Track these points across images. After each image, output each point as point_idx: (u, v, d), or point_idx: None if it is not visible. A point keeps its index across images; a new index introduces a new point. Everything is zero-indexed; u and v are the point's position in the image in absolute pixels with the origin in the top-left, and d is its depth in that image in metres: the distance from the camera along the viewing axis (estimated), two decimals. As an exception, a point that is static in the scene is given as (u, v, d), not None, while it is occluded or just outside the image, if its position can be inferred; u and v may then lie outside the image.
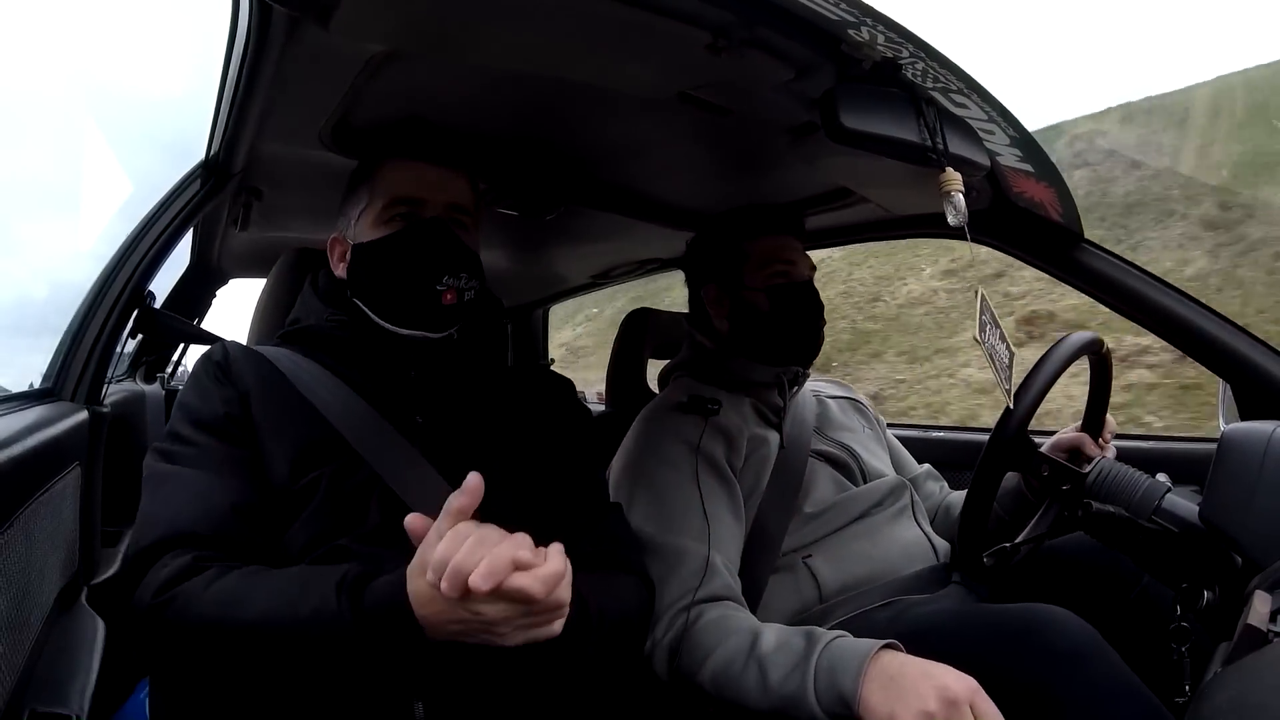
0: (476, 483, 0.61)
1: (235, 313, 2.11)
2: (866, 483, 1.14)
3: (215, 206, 1.21)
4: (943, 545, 1.12)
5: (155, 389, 1.70)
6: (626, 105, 0.91)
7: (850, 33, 0.69)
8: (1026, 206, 1.10)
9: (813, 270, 1.18)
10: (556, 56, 0.76)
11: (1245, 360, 1.06)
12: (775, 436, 1.12)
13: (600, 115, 0.99)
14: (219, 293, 1.99)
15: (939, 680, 0.70)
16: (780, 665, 0.80)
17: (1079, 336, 0.95)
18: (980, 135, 0.86)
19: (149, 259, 1.04)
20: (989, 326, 0.79)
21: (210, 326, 1.82)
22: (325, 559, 0.75)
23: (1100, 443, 1.06)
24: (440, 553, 0.58)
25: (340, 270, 0.93)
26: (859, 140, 0.73)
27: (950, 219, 0.73)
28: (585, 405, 1.06)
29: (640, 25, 0.67)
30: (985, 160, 0.86)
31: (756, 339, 1.15)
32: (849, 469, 1.15)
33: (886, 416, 1.38)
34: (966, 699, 0.68)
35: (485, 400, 0.91)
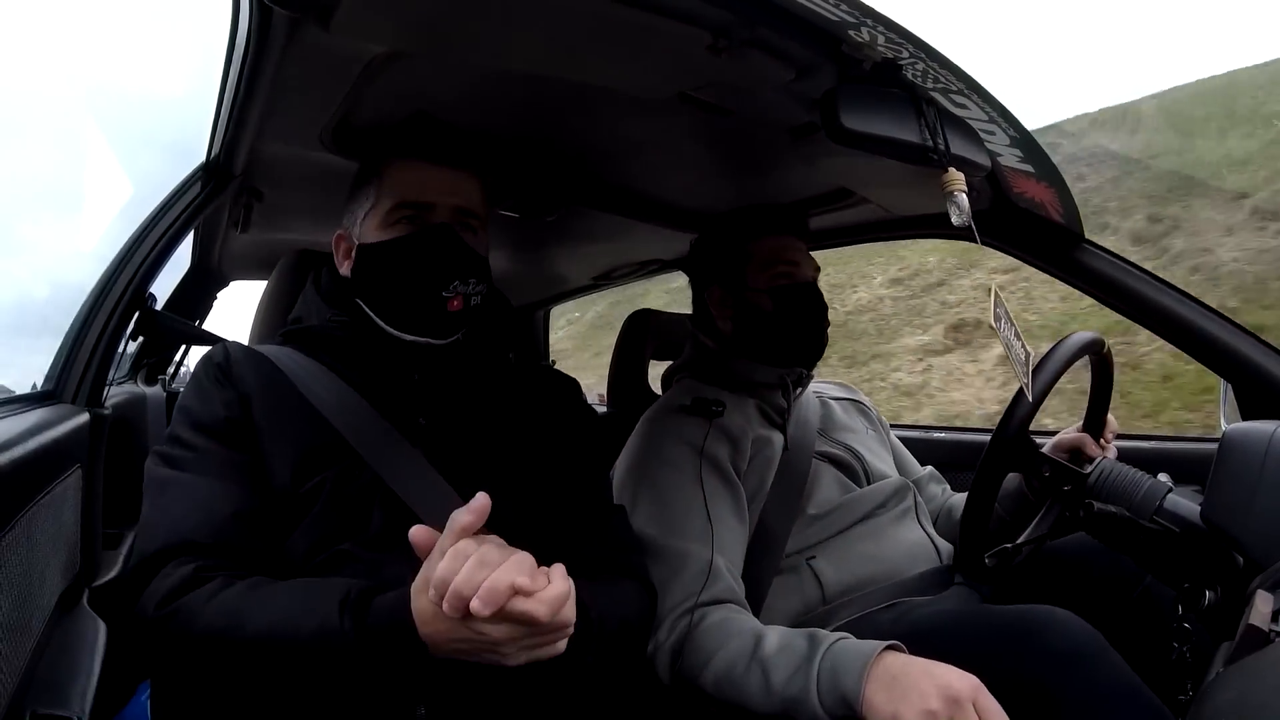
0: (483, 503, 0.60)
1: (236, 314, 2.12)
2: (870, 484, 1.14)
3: (216, 208, 1.20)
4: (946, 547, 1.12)
5: (156, 391, 1.70)
6: (627, 106, 0.91)
7: (851, 33, 0.69)
8: (1027, 207, 1.10)
9: (817, 271, 1.17)
10: (557, 57, 0.76)
11: (1246, 360, 1.06)
12: (779, 438, 1.11)
13: (601, 116, 0.98)
14: (219, 295, 1.99)
15: (942, 679, 0.70)
16: (783, 667, 0.80)
17: (1080, 337, 0.94)
18: (981, 136, 0.86)
19: (150, 261, 1.04)
20: (1003, 320, 0.79)
21: (211, 329, 1.82)
22: (327, 564, 0.74)
23: (1101, 443, 1.06)
24: (441, 572, 0.58)
25: (345, 269, 0.91)
26: (860, 141, 0.72)
27: (954, 219, 0.73)
28: (591, 406, 1.06)
29: (641, 26, 0.67)
30: (986, 161, 0.86)
31: (760, 340, 1.14)
32: (853, 470, 1.15)
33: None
34: (969, 697, 0.69)
35: (490, 402, 0.89)
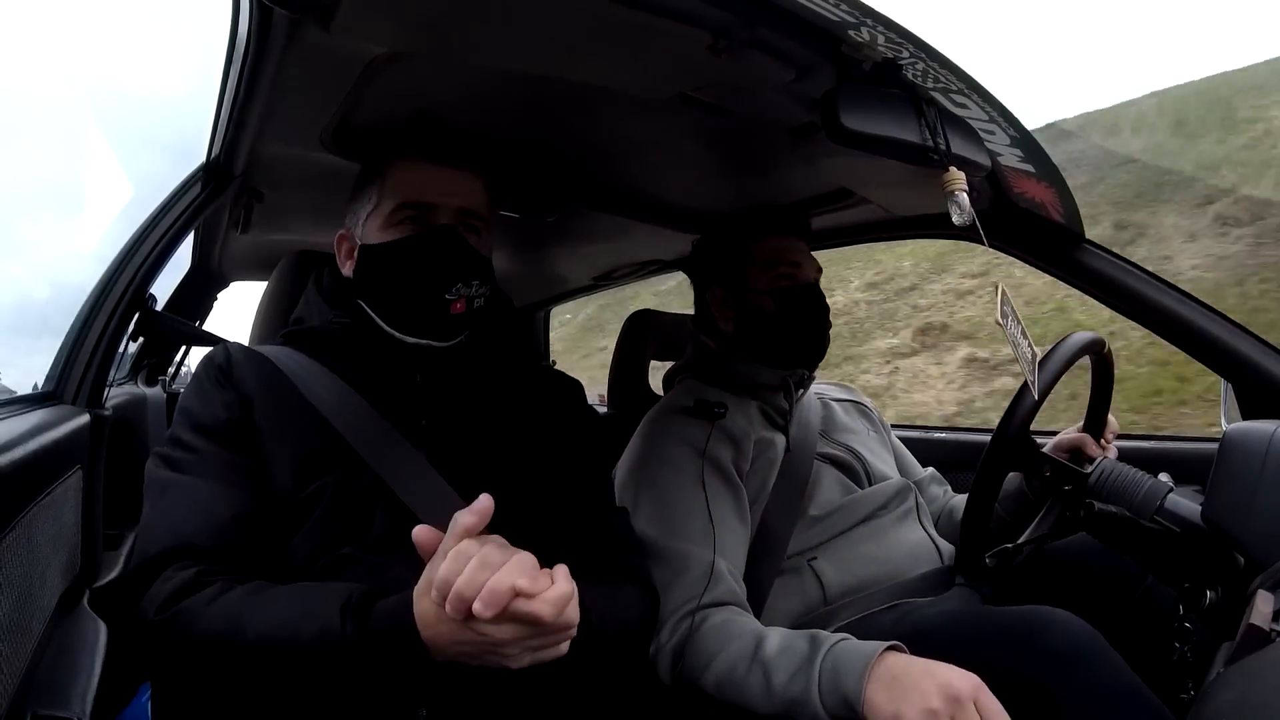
0: (487, 504, 0.60)
1: (236, 316, 2.12)
2: (871, 485, 1.14)
3: (216, 209, 1.20)
4: (947, 547, 1.11)
5: (157, 392, 1.70)
6: (627, 106, 0.91)
7: (851, 33, 0.69)
8: (1027, 207, 1.10)
9: (819, 272, 1.17)
10: (557, 57, 0.76)
11: (1247, 360, 1.06)
12: (781, 439, 1.11)
13: (601, 116, 0.98)
14: (220, 296, 1.99)
15: (942, 678, 0.70)
16: (784, 669, 0.80)
17: (1080, 336, 0.94)
18: (981, 135, 0.86)
19: (150, 262, 1.04)
20: (1009, 318, 0.79)
21: (211, 330, 1.82)
22: (329, 568, 0.74)
23: (1102, 443, 1.06)
24: (443, 574, 0.58)
25: (348, 269, 0.90)
26: (860, 141, 0.72)
27: (955, 218, 0.73)
28: (593, 408, 1.05)
29: (641, 26, 0.67)
30: (986, 160, 0.86)
31: (762, 341, 1.14)
32: (854, 471, 1.14)
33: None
34: (970, 695, 0.69)
35: (492, 403, 0.89)
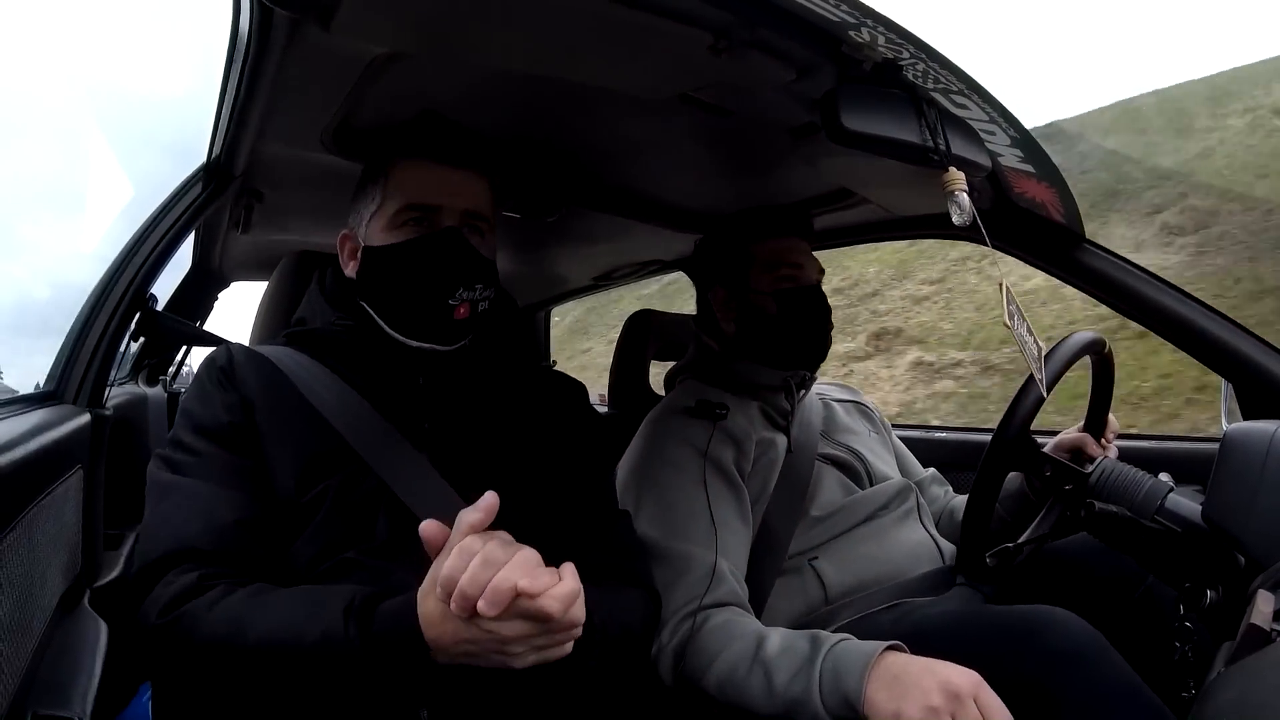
0: (492, 502, 0.60)
1: (236, 317, 2.12)
2: (873, 486, 1.14)
3: (217, 209, 1.20)
4: (949, 547, 1.11)
5: (157, 392, 1.70)
6: (627, 106, 0.91)
7: (851, 34, 0.69)
8: (1028, 207, 1.10)
9: (821, 273, 1.17)
10: (557, 58, 0.76)
11: (1247, 360, 1.06)
12: (783, 440, 1.11)
13: (601, 116, 0.99)
14: (220, 296, 2.00)
15: (942, 676, 0.71)
16: (785, 669, 0.80)
17: (1081, 336, 0.94)
18: (981, 136, 0.86)
19: (151, 262, 1.04)
20: (1015, 317, 0.79)
21: (211, 330, 1.82)
22: (332, 572, 0.74)
23: (1103, 443, 1.06)
24: (447, 570, 0.57)
25: (350, 270, 0.90)
26: (860, 141, 0.72)
27: (955, 219, 0.73)
28: (596, 410, 1.05)
29: (641, 26, 0.67)
30: (987, 161, 0.86)
31: (764, 343, 1.14)
32: (855, 472, 1.15)
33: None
34: (970, 692, 0.69)
35: (495, 406, 0.88)
